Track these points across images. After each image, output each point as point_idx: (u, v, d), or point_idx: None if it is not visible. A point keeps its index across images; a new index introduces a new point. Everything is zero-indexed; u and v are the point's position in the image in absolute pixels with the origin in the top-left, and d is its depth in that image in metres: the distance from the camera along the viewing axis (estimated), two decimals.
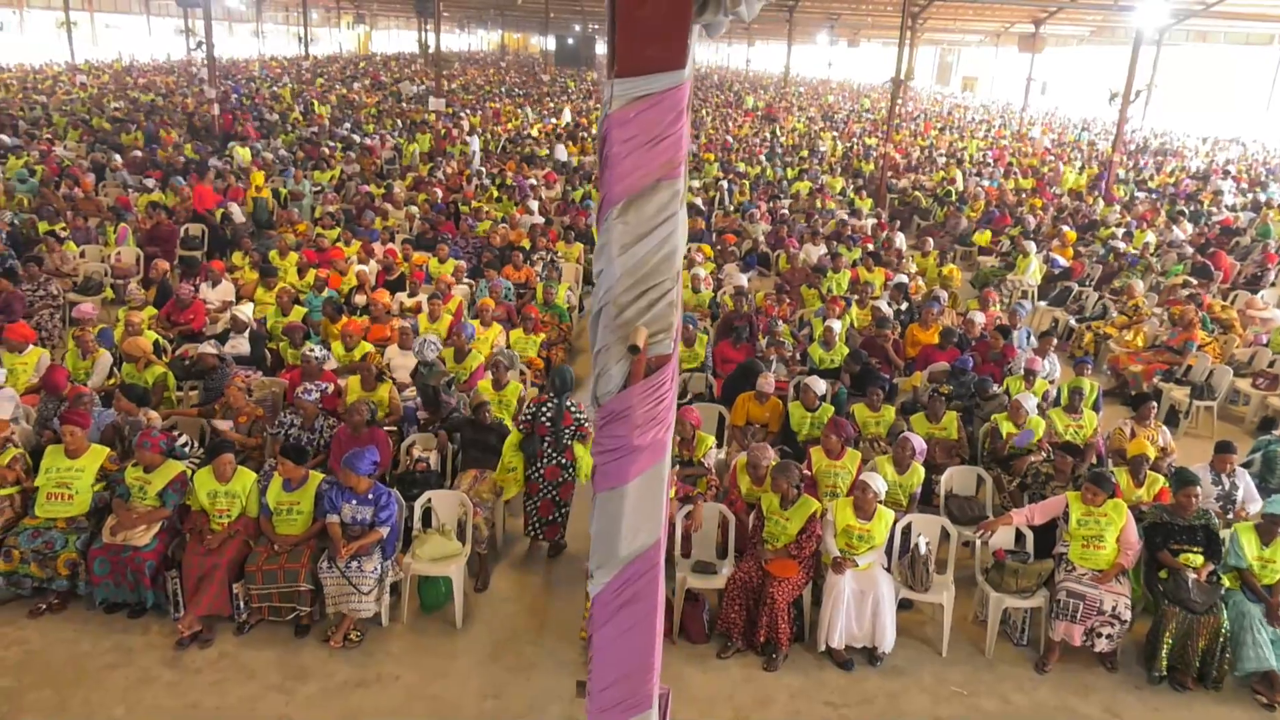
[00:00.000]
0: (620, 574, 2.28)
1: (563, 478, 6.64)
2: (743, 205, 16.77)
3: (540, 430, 6.60)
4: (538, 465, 6.60)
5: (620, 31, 1.83)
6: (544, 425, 6.59)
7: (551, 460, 6.59)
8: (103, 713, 5.11)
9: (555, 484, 6.64)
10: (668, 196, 2.00)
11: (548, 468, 6.60)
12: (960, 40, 61.89)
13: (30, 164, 16.43)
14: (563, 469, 6.62)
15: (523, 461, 6.64)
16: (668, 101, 1.93)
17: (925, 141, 30.26)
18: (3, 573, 5.81)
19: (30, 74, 35.58)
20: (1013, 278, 13.76)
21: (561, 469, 6.62)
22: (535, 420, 6.61)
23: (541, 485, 6.64)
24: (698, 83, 57.87)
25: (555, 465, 6.60)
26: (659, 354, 2.12)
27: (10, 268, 9.91)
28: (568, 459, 6.61)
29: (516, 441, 6.65)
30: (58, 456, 6.08)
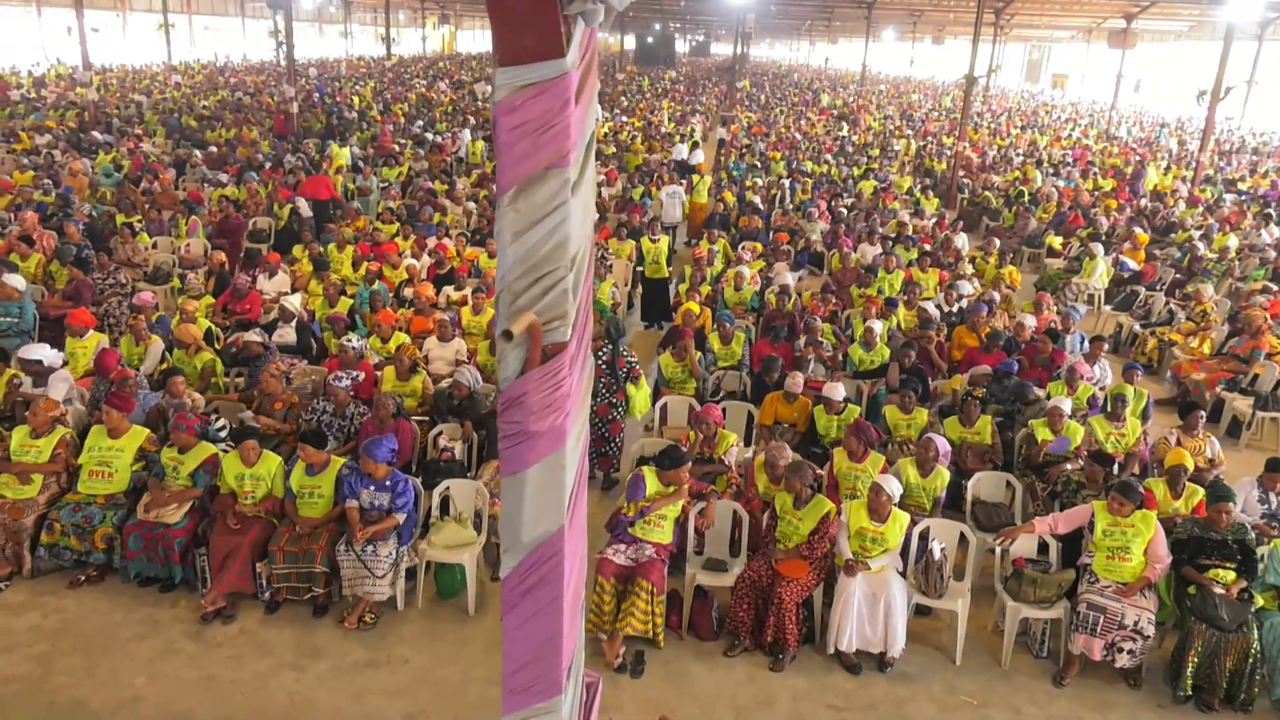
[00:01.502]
0: (524, 560, 2.31)
1: (613, 415, 7.57)
2: (803, 204, 16.60)
3: (597, 372, 7.38)
4: (592, 403, 7.09)
5: (494, 21, 1.85)
6: (600, 368, 7.44)
7: (604, 399, 7.49)
8: (126, 680, 5.35)
9: (606, 420, 7.54)
10: (557, 185, 2.02)
11: (600, 406, 7.48)
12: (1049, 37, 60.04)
13: (118, 160, 17.27)
14: (613, 407, 7.55)
15: None
16: (553, 90, 1.95)
17: (1004, 140, 29.44)
18: (45, 544, 6.14)
19: (129, 74, 37.29)
20: (1078, 280, 13.34)
21: (612, 407, 7.55)
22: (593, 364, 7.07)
23: (595, 422, 7.46)
24: (776, 81, 57.61)
25: (607, 404, 7.51)
26: (555, 341, 2.14)
27: (84, 257, 10.42)
28: (619, 399, 7.56)
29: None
30: (100, 436, 6.39)
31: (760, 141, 25.24)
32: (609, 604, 5.74)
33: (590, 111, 2.16)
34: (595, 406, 7.42)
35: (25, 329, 8.92)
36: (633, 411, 7.63)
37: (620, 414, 7.58)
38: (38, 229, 11.19)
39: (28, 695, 5.21)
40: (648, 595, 5.70)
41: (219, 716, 5.12)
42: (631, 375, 7.61)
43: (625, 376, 7.58)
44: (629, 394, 7.57)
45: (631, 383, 7.61)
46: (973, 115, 37.90)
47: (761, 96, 43.86)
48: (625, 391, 7.54)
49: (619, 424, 7.59)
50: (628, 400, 7.52)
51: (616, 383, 7.51)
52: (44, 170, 15.39)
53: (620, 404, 7.54)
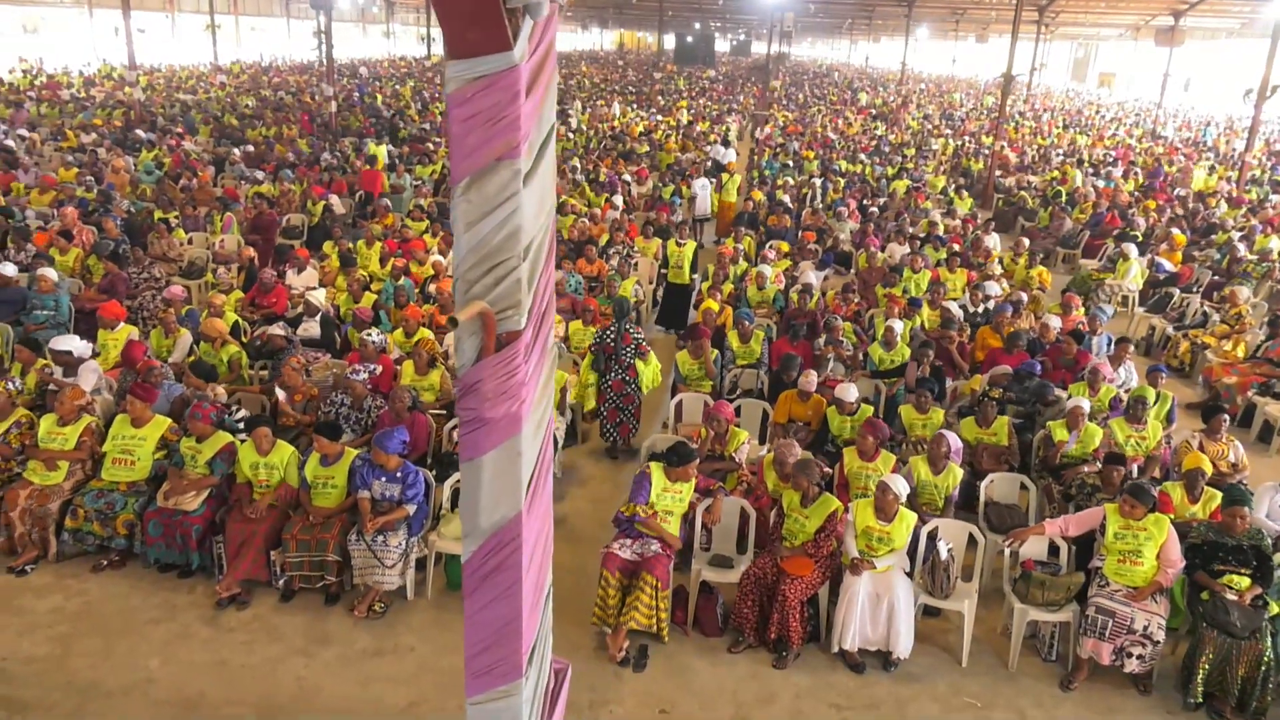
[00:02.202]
0: (483, 545, 2.35)
1: (626, 390, 8.14)
2: (833, 203, 16.51)
3: (606, 350, 8.13)
4: (606, 379, 8.14)
5: (439, 15, 1.90)
6: (609, 346, 8.09)
7: (617, 375, 8.09)
8: (140, 662, 5.50)
9: (620, 394, 8.15)
10: (508, 176, 2.06)
11: (614, 381, 8.12)
12: (1096, 35, 58.99)
13: (160, 157, 17.68)
14: (626, 383, 8.12)
15: (596, 377, 8.18)
16: (502, 84, 1.99)
17: (1045, 140, 29.00)
18: (70, 529, 6.32)
19: (175, 74, 38.09)
20: (1111, 282, 13.13)
21: (625, 383, 8.12)
22: (602, 343, 8.15)
23: (610, 395, 8.16)
24: (816, 80, 57.29)
25: (620, 380, 8.10)
26: (509, 330, 2.18)
27: (120, 252, 10.69)
28: (630, 375, 8.11)
29: (589, 362, 8.25)
30: (124, 425, 6.56)
31: (795, 140, 25.12)
32: (614, 598, 5.77)
33: (547, 104, 2.20)
34: (610, 381, 8.11)
35: (61, 320, 9.18)
36: (643, 385, 8.18)
37: (633, 388, 8.14)
38: (77, 224, 11.51)
39: (47, 674, 5.37)
40: (652, 590, 5.72)
41: (228, 699, 5.24)
42: (639, 351, 8.15)
43: (634, 353, 8.12)
44: (639, 369, 8.13)
45: (640, 358, 8.15)
46: (1014, 114, 37.44)
47: (800, 95, 43.62)
48: (635, 368, 8.10)
49: (632, 397, 8.15)
50: (637, 376, 8.10)
51: (626, 359, 8.06)
52: (88, 168, 15.80)
53: (632, 380, 8.12)
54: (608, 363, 8.13)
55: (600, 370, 8.19)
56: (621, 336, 8.11)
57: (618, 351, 8.08)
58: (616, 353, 8.08)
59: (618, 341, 8.09)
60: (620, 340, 8.11)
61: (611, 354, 8.10)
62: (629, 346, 8.11)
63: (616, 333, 8.12)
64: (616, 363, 8.09)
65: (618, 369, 8.08)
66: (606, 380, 8.16)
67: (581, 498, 7.73)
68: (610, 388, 8.15)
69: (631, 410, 8.20)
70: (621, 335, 8.12)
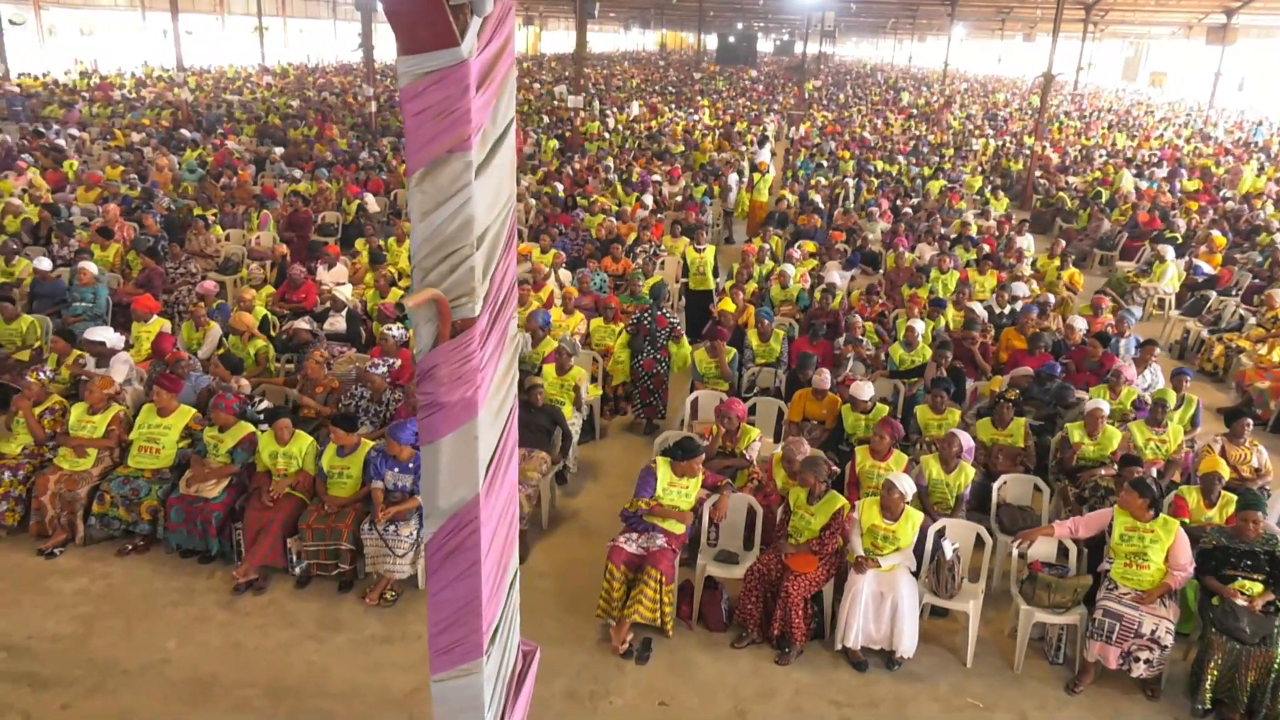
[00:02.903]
0: (443, 526, 2.42)
1: (657, 370, 8.64)
2: (866, 203, 16.42)
3: (643, 332, 8.65)
4: (639, 358, 8.64)
5: (387, 12, 1.97)
6: (645, 328, 8.63)
7: (649, 355, 8.58)
8: (158, 643, 5.68)
9: (651, 374, 8.63)
10: (460, 167, 2.13)
11: (645, 360, 8.61)
12: (1146, 33, 57.80)
13: (204, 156, 18.11)
14: (657, 363, 8.62)
15: (629, 356, 8.69)
16: (451, 78, 2.06)
17: (1089, 140, 28.51)
18: (96, 514, 6.54)
19: (223, 75, 38.92)
20: (1147, 284, 12.91)
21: (656, 363, 8.62)
22: (639, 324, 8.69)
23: (641, 375, 8.66)
24: (859, 80, 56.85)
25: (651, 359, 8.59)
26: (464, 317, 2.25)
27: (157, 248, 10.99)
28: (662, 355, 8.63)
29: (625, 341, 8.74)
30: (150, 414, 6.77)
31: (831, 140, 24.99)
32: (618, 591, 5.83)
33: (504, 99, 2.26)
34: (641, 362, 8.61)
35: (99, 313, 9.47)
36: (674, 366, 8.73)
37: (664, 369, 8.67)
38: (119, 221, 11.83)
39: (69, 652, 5.57)
40: (656, 584, 5.77)
41: (240, 681, 5.39)
42: (673, 334, 8.69)
43: (668, 335, 8.66)
44: (671, 351, 8.68)
45: (673, 341, 8.69)
46: (1058, 114, 36.85)
47: (841, 96, 43.34)
48: (668, 349, 8.63)
49: (661, 378, 8.68)
50: (669, 357, 8.66)
51: (660, 341, 8.57)
52: (133, 166, 16.23)
53: (664, 360, 8.64)
54: (642, 343, 8.65)
55: (635, 350, 8.68)
56: (656, 319, 8.64)
57: (653, 333, 8.61)
58: (652, 334, 8.61)
59: (653, 324, 8.62)
60: (655, 323, 8.63)
61: (647, 335, 8.62)
62: (664, 329, 8.65)
63: (652, 315, 8.66)
64: (651, 343, 8.61)
65: (651, 349, 8.61)
66: (639, 360, 8.64)
67: (597, 493, 7.80)
68: (642, 367, 8.64)
69: (661, 394, 8.74)
70: (656, 318, 8.65)
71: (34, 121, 22.25)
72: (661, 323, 8.68)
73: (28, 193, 13.91)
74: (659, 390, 8.71)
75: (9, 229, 11.75)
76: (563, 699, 5.39)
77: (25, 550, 6.51)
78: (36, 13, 37.39)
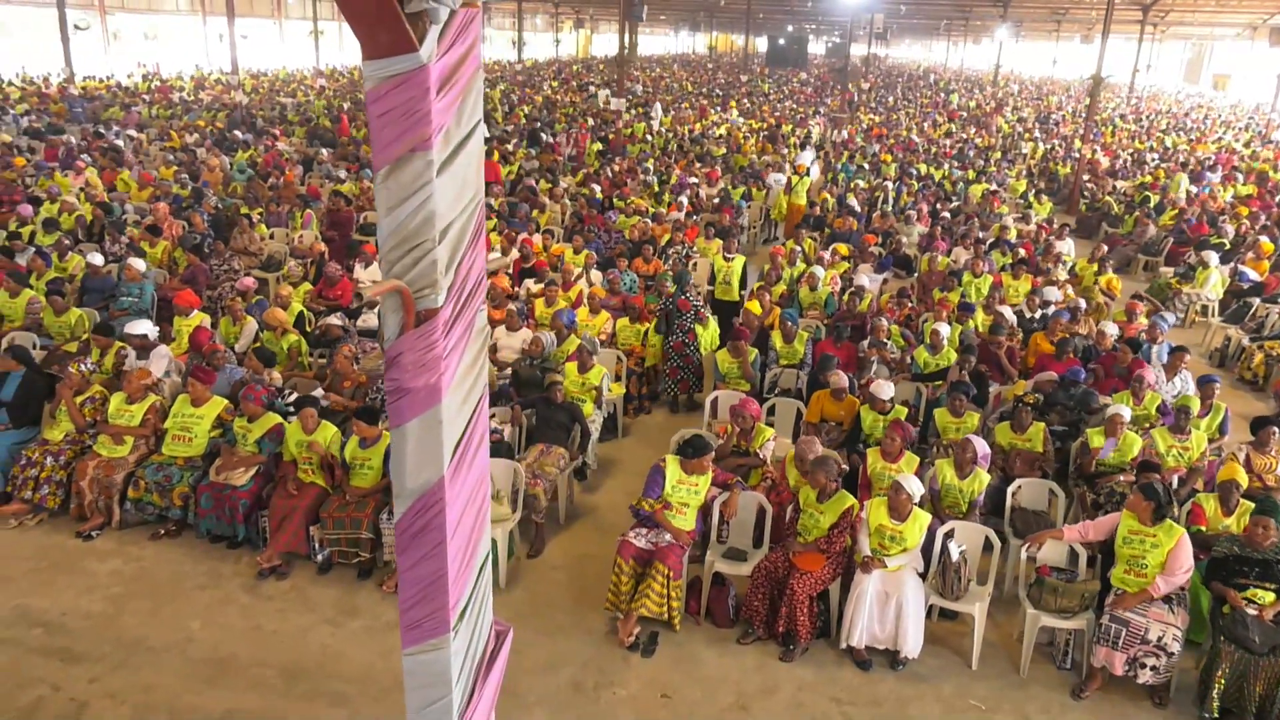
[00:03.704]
0: (411, 506, 2.55)
1: (685, 351, 9.14)
2: (905, 207, 16.31)
3: (668, 316, 9.18)
4: (669, 340, 9.17)
5: (349, 20, 2.10)
6: (669, 312, 9.15)
7: (678, 337, 9.10)
8: (183, 624, 5.91)
9: (681, 355, 9.17)
10: (421, 166, 2.25)
11: (675, 343, 9.15)
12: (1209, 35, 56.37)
13: (254, 157, 18.61)
14: (685, 344, 9.11)
15: (660, 339, 9.25)
16: (412, 82, 2.18)
17: (1143, 144, 27.93)
18: (132, 499, 6.82)
19: (278, 78, 39.84)
20: (1189, 290, 12.68)
21: (684, 344, 9.11)
22: (665, 309, 9.24)
23: (672, 355, 9.21)
24: (910, 82, 56.27)
25: (680, 341, 9.11)
26: (427, 307, 2.38)
27: (203, 245, 11.35)
28: (690, 338, 9.10)
29: (654, 325, 9.33)
30: (185, 404, 7.04)
31: (875, 144, 24.83)
32: (626, 584, 5.94)
33: (468, 102, 2.38)
34: (673, 343, 9.15)
35: (144, 308, 9.82)
36: (702, 346, 9.18)
37: (692, 349, 9.14)
38: (169, 219, 12.24)
39: (100, 629, 5.83)
40: (663, 579, 5.86)
41: (257, 661, 5.60)
42: (699, 317, 9.17)
43: (692, 318, 9.11)
44: (698, 333, 9.13)
45: (699, 323, 9.16)
46: (1113, 117, 36.16)
47: (890, 98, 42.97)
48: (694, 332, 9.11)
49: (691, 357, 9.14)
50: (695, 339, 9.12)
51: (686, 324, 9.06)
52: (185, 166, 16.74)
53: (691, 342, 9.13)
54: (671, 326, 9.15)
55: (664, 333, 9.21)
56: (679, 303, 9.13)
57: (678, 316, 9.08)
58: (677, 317, 9.08)
59: (676, 308, 9.11)
60: (678, 307, 9.09)
61: (672, 318, 9.11)
62: (687, 312, 9.08)
63: (673, 300, 9.18)
64: (677, 326, 9.08)
65: (678, 332, 9.09)
66: (669, 342, 9.18)
67: (615, 489, 7.91)
68: (672, 348, 9.18)
69: (691, 369, 9.18)
70: (679, 302, 9.14)
71: (95, 123, 23.04)
72: (684, 306, 9.10)
73: (84, 191, 14.44)
74: (689, 367, 9.16)
75: (64, 226, 12.23)
76: (568, 688, 5.51)
77: (65, 532, 6.82)
78: (102, 17, 38.66)
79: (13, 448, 7.07)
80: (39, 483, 6.86)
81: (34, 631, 5.78)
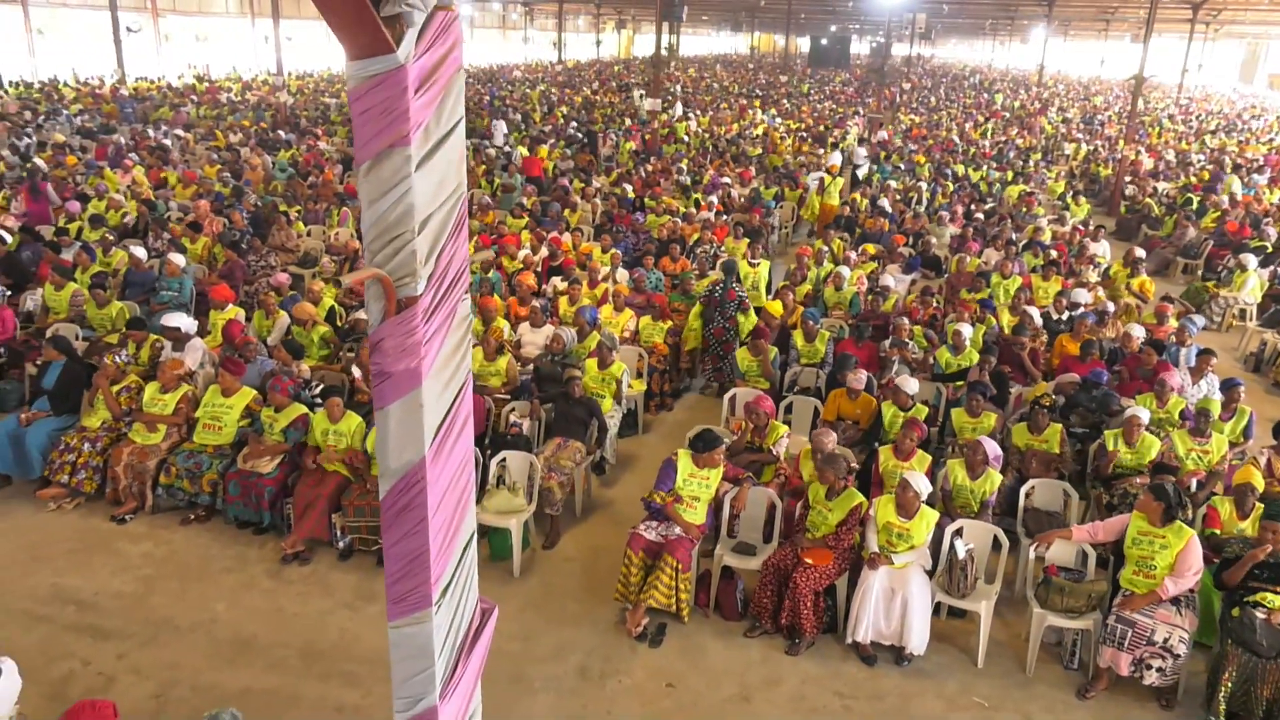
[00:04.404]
0: (395, 485, 2.68)
1: (726, 337, 9.44)
2: (939, 208, 16.22)
3: (714, 303, 9.45)
4: (710, 327, 9.47)
5: (329, 24, 2.23)
6: (716, 299, 9.45)
7: (719, 324, 9.43)
8: (209, 605, 6.13)
9: (721, 341, 9.46)
10: (400, 161, 2.37)
11: (716, 329, 9.45)
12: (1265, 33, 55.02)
13: (296, 156, 19.02)
14: (726, 331, 9.43)
15: (701, 325, 9.56)
16: (390, 82, 2.30)
17: (1189, 145, 27.40)
18: (163, 485, 7.07)
19: (322, 78, 40.53)
20: (1226, 294, 12.48)
21: (725, 331, 9.44)
22: (711, 296, 9.53)
23: (711, 341, 9.53)
24: (954, 83, 55.69)
25: (721, 327, 9.44)
26: (407, 295, 2.50)
27: (241, 242, 11.66)
28: (731, 324, 9.41)
29: (698, 311, 9.61)
30: (215, 394, 7.29)
31: (912, 144, 24.66)
32: (635, 576, 6.04)
33: (448, 101, 2.50)
34: (712, 329, 9.46)
35: (183, 302, 10.12)
36: (741, 334, 9.39)
37: (733, 336, 9.42)
38: (209, 216, 12.60)
39: (130, 609, 6.07)
40: (672, 571, 5.96)
41: (276, 642, 5.79)
42: (742, 306, 9.47)
43: (736, 306, 9.43)
44: (739, 321, 9.41)
45: (741, 312, 9.44)
46: (1160, 118, 35.50)
47: (933, 99, 42.58)
48: (736, 319, 9.40)
49: (731, 344, 9.38)
50: (736, 326, 9.41)
51: (729, 311, 9.39)
52: (228, 165, 17.16)
53: (732, 329, 9.42)
54: (713, 313, 9.44)
55: (706, 319, 9.49)
56: (727, 291, 9.48)
57: (723, 304, 9.40)
58: (722, 305, 9.40)
59: (723, 296, 9.44)
60: (725, 295, 9.45)
61: (718, 306, 9.41)
62: (733, 301, 9.45)
63: (724, 288, 9.51)
64: (720, 314, 9.40)
65: (720, 319, 9.41)
66: (710, 329, 9.46)
67: (633, 484, 8.01)
68: (713, 334, 9.47)
69: (731, 359, 9.23)
70: (727, 290, 9.49)
71: (144, 123, 23.68)
72: (731, 295, 9.47)
73: (131, 189, 14.89)
74: (729, 356, 9.31)
75: (110, 223, 12.63)
76: (574, 675, 5.62)
77: (100, 515, 7.09)
78: (154, 20, 39.63)
79: (53, 434, 7.35)
80: (76, 468, 7.14)
81: (68, 609, 6.04)
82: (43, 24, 36.50)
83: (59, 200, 13.59)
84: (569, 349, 8.61)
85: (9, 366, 8.83)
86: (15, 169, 15.89)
